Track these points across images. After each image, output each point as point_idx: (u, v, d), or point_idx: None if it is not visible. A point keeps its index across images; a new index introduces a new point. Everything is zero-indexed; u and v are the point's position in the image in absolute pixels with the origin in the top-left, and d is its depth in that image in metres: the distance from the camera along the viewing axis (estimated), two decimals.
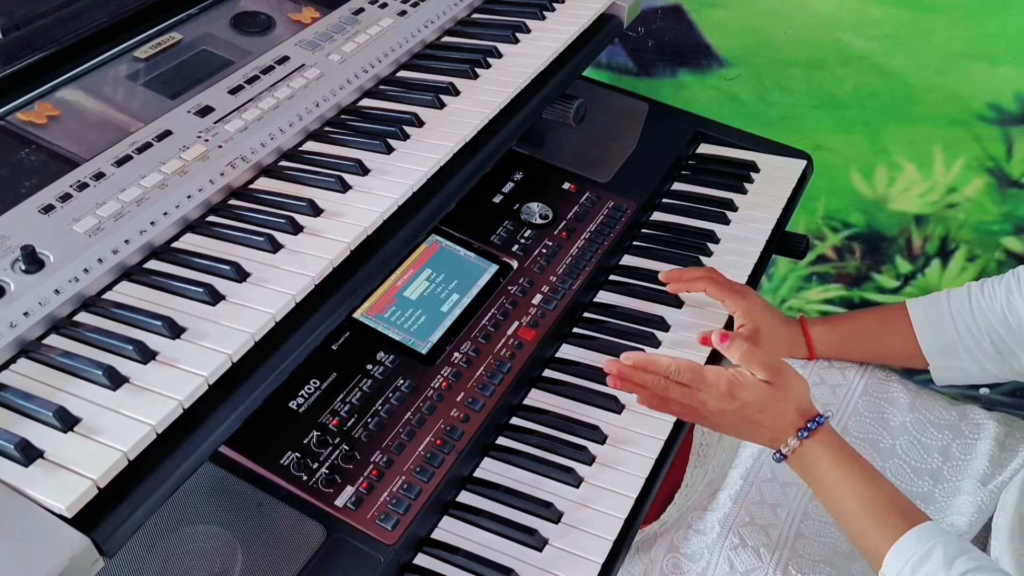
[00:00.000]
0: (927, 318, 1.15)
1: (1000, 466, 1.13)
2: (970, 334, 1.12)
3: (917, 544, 0.86)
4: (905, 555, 0.86)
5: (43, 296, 0.80)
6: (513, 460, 1.07)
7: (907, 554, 0.86)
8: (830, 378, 1.22)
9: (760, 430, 0.98)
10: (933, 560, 0.84)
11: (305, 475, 0.97)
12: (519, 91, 1.14)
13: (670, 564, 1.08)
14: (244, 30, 1.13)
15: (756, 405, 0.97)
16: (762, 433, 0.98)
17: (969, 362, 1.14)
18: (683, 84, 1.83)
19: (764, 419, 0.97)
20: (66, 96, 1.00)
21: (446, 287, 1.19)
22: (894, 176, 1.76)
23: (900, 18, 1.60)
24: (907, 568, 0.85)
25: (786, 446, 0.96)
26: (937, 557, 0.84)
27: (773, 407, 0.98)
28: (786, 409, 0.97)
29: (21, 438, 0.70)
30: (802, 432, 0.96)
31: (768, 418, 0.97)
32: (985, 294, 1.12)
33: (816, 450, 0.96)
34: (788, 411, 0.97)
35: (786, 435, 0.97)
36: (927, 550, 0.85)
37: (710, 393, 0.98)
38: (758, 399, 0.97)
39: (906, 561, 0.86)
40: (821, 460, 0.95)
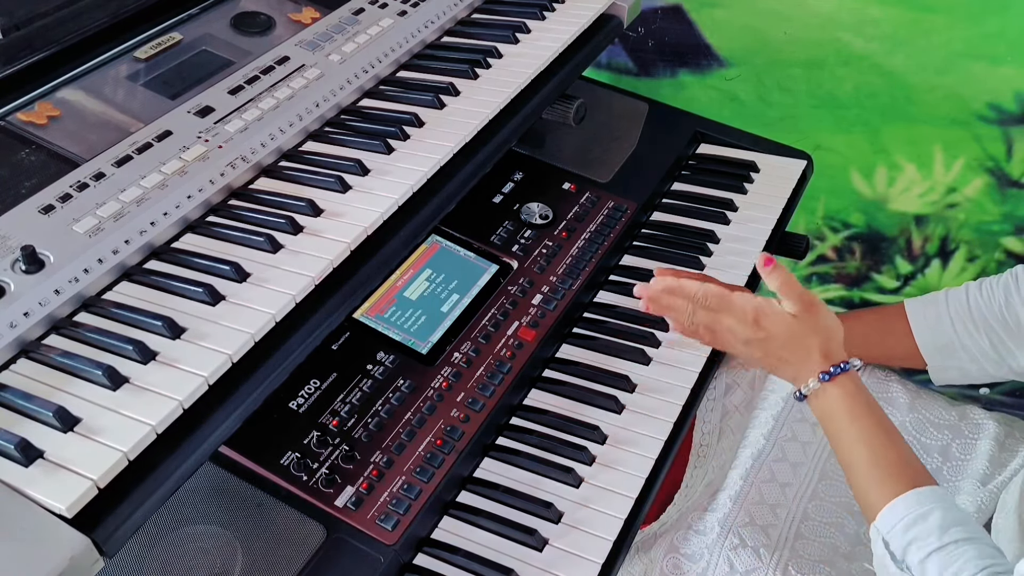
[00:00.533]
0: (925, 318, 1.15)
1: (1000, 466, 1.13)
2: (968, 334, 1.12)
3: (916, 504, 0.85)
4: (901, 512, 0.85)
5: (43, 296, 0.80)
6: (513, 460, 1.07)
7: (903, 512, 0.85)
8: None
9: (783, 365, 0.97)
10: (929, 523, 0.83)
11: (305, 475, 0.97)
12: (519, 91, 1.14)
13: (670, 564, 1.08)
14: (244, 30, 1.13)
15: (780, 338, 0.96)
16: (786, 369, 0.98)
17: (967, 362, 1.13)
18: (683, 84, 1.83)
19: (787, 354, 0.96)
20: (66, 96, 1.00)
21: (446, 287, 1.19)
22: (894, 176, 1.76)
23: (900, 18, 1.60)
24: (900, 525, 0.84)
25: (806, 386, 0.95)
26: (933, 521, 0.83)
27: (798, 343, 0.96)
28: (812, 347, 0.96)
29: (21, 438, 0.70)
30: (823, 375, 0.94)
31: (791, 353, 0.96)
32: (983, 294, 1.12)
33: (836, 397, 0.94)
34: (813, 350, 0.96)
35: (808, 375, 0.95)
36: (924, 512, 0.84)
37: (736, 319, 0.98)
38: (783, 332, 0.96)
39: (900, 518, 0.84)
40: (839, 408, 0.94)
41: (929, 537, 0.82)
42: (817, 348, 0.96)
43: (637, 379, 1.15)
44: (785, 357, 0.97)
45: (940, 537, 0.82)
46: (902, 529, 0.84)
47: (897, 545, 0.84)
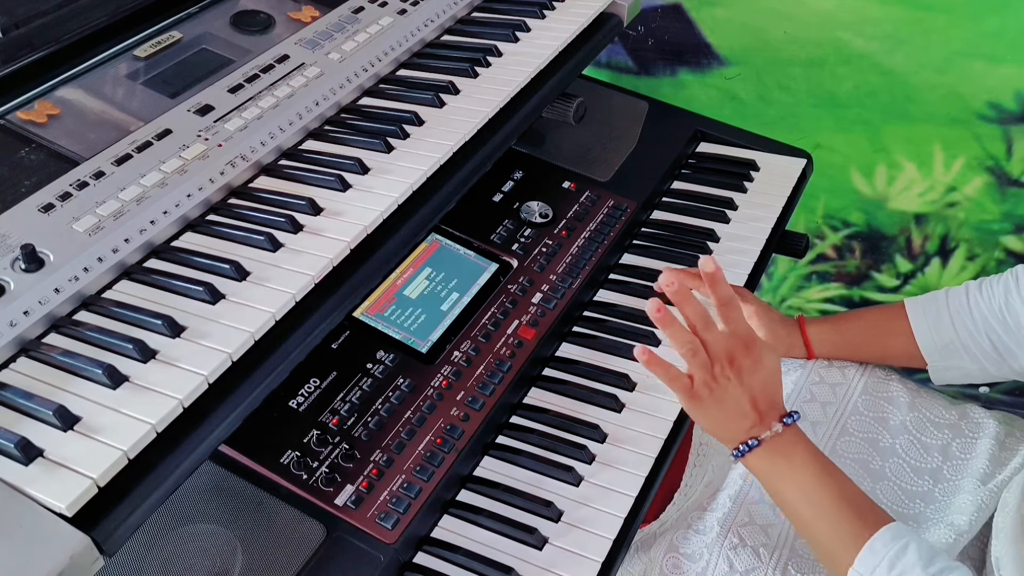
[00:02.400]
0: (925, 317, 1.15)
1: (1000, 465, 1.13)
2: (968, 334, 1.12)
3: (892, 540, 0.84)
4: (880, 551, 0.84)
5: (43, 295, 0.80)
6: (513, 459, 1.07)
7: (883, 551, 0.84)
8: (830, 377, 1.22)
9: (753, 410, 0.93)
10: (908, 556, 0.82)
11: (305, 474, 0.97)
12: (519, 90, 1.14)
13: (670, 564, 1.08)
14: (244, 29, 1.13)
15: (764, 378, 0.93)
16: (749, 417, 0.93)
17: (968, 362, 1.13)
18: (683, 83, 1.83)
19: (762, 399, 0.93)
20: (66, 95, 1.00)
21: (446, 286, 1.19)
22: (894, 175, 1.76)
23: (900, 17, 1.60)
24: (884, 563, 0.83)
25: (768, 431, 0.92)
26: (912, 554, 0.83)
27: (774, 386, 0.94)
28: (778, 393, 0.94)
29: (21, 437, 0.70)
30: (787, 419, 0.93)
31: (765, 399, 0.93)
32: (983, 293, 1.12)
33: (797, 440, 0.93)
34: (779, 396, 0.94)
35: (771, 420, 0.93)
36: (902, 546, 0.84)
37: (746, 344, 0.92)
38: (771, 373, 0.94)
39: (882, 557, 0.83)
40: (801, 450, 0.92)
41: (915, 570, 0.82)
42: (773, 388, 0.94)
43: (637, 378, 1.15)
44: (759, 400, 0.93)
45: (926, 568, 0.82)
46: (886, 567, 0.83)
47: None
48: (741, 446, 0.93)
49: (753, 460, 0.93)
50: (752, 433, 0.93)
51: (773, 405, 0.93)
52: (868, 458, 1.14)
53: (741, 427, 0.93)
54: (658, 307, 0.90)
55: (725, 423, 0.94)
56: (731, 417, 0.93)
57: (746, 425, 0.93)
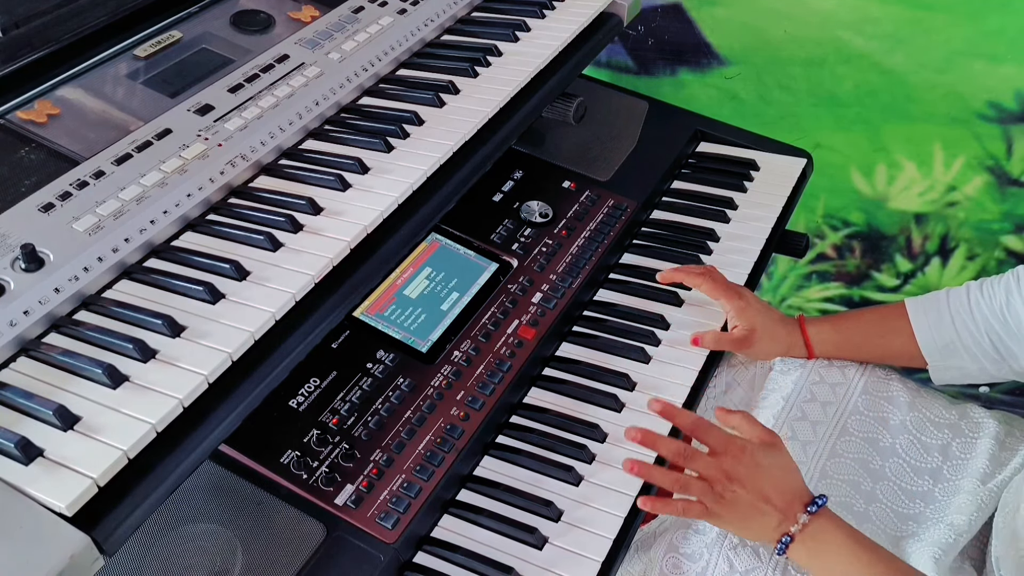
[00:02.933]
0: (926, 317, 1.15)
1: (1000, 465, 1.13)
2: (969, 334, 1.12)
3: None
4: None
5: (43, 294, 0.80)
6: (513, 459, 1.07)
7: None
8: (830, 377, 1.22)
9: (770, 508, 0.94)
10: None
11: (305, 474, 0.97)
12: (519, 89, 1.14)
13: (670, 564, 1.08)
14: (244, 28, 1.13)
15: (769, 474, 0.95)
16: (771, 515, 0.94)
17: (968, 361, 1.13)
18: (683, 83, 1.83)
19: (776, 496, 0.94)
20: (66, 95, 1.00)
21: (446, 286, 1.19)
22: (894, 175, 1.76)
23: (900, 16, 1.60)
24: None
25: (796, 524, 0.93)
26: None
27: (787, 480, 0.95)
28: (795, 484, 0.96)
29: (21, 437, 0.70)
30: (811, 507, 0.94)
31: (780, 495, 0.94)
32: (984, 294, 1.12)
33: (828, 525, 0.94)
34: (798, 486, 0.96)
35: (795, 511, 0.94)
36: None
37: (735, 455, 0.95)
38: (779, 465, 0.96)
39: None
40: (835, 534, 0.93)
41: None
42: (800, 485, 0.96)
43: (637, 377, 1.15)
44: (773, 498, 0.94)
45: None
46: None
47: None
48: (778, 544, 0.95)
49: (793, 554, 0.95)
50: (782, 529, 0.95)
51: (794, 497, 0.95)
52: (868, 458, 1.14)
53: (769, 525, 0.95)
54: (630, 465, 0.96)
55: (752, 528, 0.96)
56: (755, 521, 0.95)
57: (772, 523, 0.95)
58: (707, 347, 1.19)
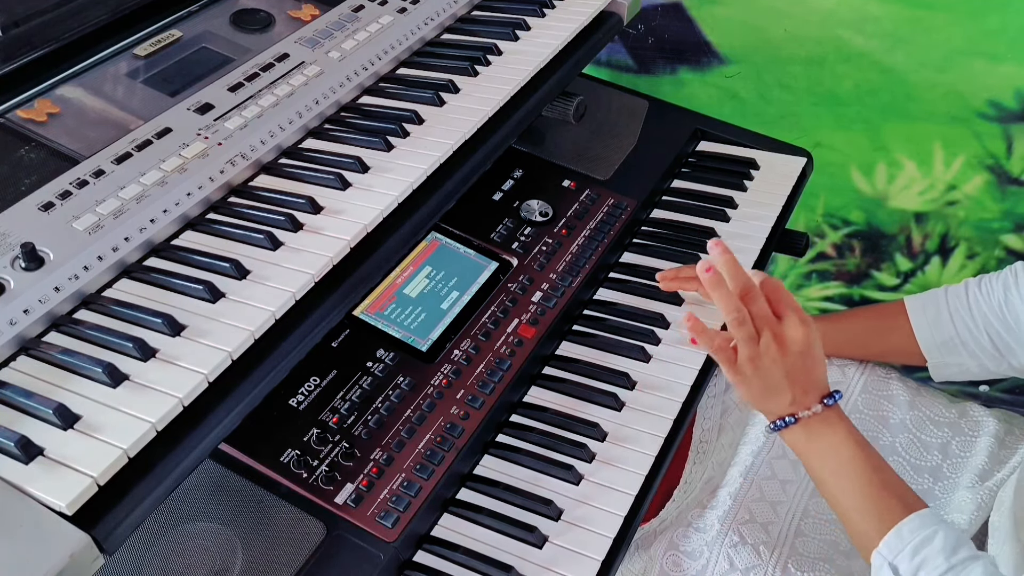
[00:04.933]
0: (925, 315, 1.15)
1: (1000, 463, 1.13)
2: (968, 331, 1.12)
3: (920, 527, 0.85)
4: (906, 537, 0.85)
5: (43, 293, 0.80)
6: (513, 457, 1.07)
7: (908, 536, 0.85)
8: (829, 375, 1.22)
9: (792, 387, 0.93)
10: (934, 545, 0.83)
11: (305, 472, 0.97)
12: (519, 88, 1.14)
13: (670, 562, 1.09)
14: (244, 27, 1.13)
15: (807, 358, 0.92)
16: (790, 394, 0.93)
17: (967, 358, 1.13)
18: (683, 81, 1.83)
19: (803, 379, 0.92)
20: (66, 93, 1.00)
21: (446, 285, 1.19)
22: (894, 174, 1.76)
23: (900, 15, 1.60)
24: (908, 549, 0.84)
25: (808, 411, 0.92)
26: (938, 543, 0.83)
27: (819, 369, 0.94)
28: (822, 374, 0.94)
29: (21, 435, 0.70)
30: (828, 399, 0.93)
31: (807, 379, 0.93)
32: (983, 291, 1.12)
33: (836, 420, 0.93)
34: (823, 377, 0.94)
35: (811, 400, 0.93)
36: (929, 534, 0.84)
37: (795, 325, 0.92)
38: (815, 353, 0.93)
39: (907, 543, 0.84)
40: (838, 429, 0.92)
41: (937, 558, 0.82)
42: (823, 375, 0.94)
43: (637, 376, 1.15)
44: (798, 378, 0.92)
45: (948, 559, 0.82)
46: (910, 553, 0.84)
47: (906, 569, 0.84)
48: (778, 421, 0.94)
49: (789, 436, 0.94)
50: (791, 410, 0.93)
51: (816, 385, 0.93)
52: None
53: (780, 403, 0.93)
54: (708, 266, 0.91)
55: (765, 398, 0.94)
56: (772, 393, 0.93)
57: (785, 402, 0.93)
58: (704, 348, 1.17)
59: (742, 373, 0.93)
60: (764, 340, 0.92)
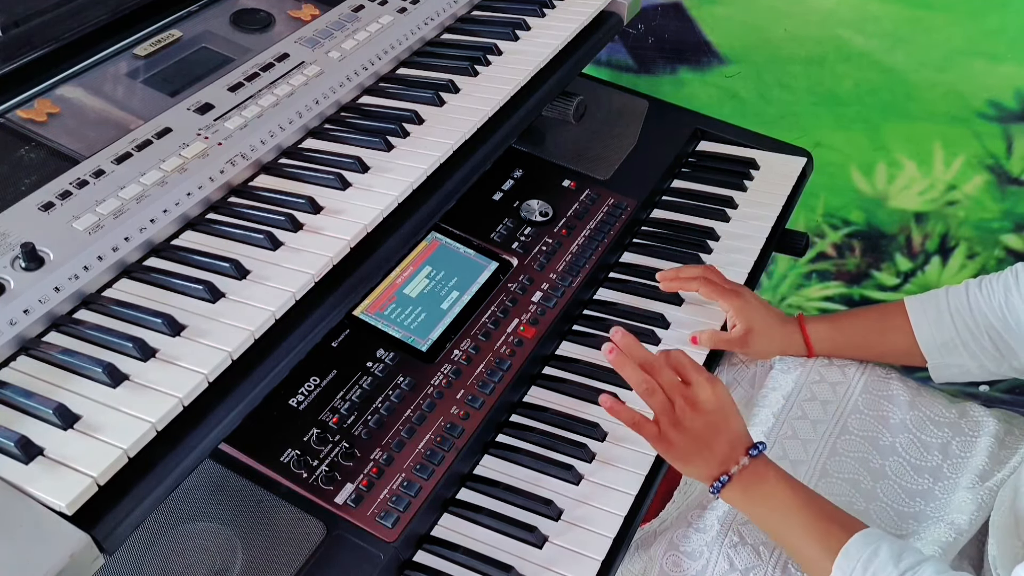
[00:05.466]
0: (925, 315, 1.15)
1: (1000, 463, 1.13)
2: (968, 332, 1.12)
3: (865, 545, 0.89)
4: (855, 555, 0.88)
5: (43, 293, 0.80)
6: (513, 457, 1.07)
7: (856, 554, 0.88)
8: (830, 376, 1.22)
9: (718, 444, 0.97)
10: (881, 557, 0.87)
11: (305, 472, 0.97)
12: (519, 88, 1.14)
13: (670, 562, 1.08)
14: (244, 27, 1.13)
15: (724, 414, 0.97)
16: (717, 451, 0.97)
17: (968, 359, 1.13)
18: (683, 81, 1.83)
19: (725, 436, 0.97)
20: (66, 93, 1.00)
21: (446, 284, 1.19)
22: (894, 173, 1.76)
23: (900, 15, 1.60)
24: (858, 567, 0.87)
25: (737, 465, 0.97)
26: (884, 554, 0.87)
27: (736, 422, 0.98)
28: (741, 428, 0.98)
29: (21, 435, 0.70)
30: (752, 450, 0.97)
31: (728, 436, 0.97)
32: (983, 291, 1.12)
33: (765, 469, 0.97)
34: (743, 430, 0.98)
35: (738, 455, 0.97)
36: (874, 550, 0.88)
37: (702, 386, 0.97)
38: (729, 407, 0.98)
39: (856, 561, 0.88)
40: (771, 477, 0.96)
41: (887, 567, 0.86)
42: (744, 430, 0.99)
43: None
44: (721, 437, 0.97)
45: (897, 565, 0.86)
46: (860, 570, 0.87)
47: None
48: (715, 483, 0.97)
49: (728, 494, 0.98)
50: (722, 468, 0.97)
51: (738, 438, 0.98)
52: (868, 456, 1.14)
53: (712, 463, 0.97)
54: (610, 348, 0.98)
55: (696, 461, 0.98)
56: (700, 454, 0.98)
57: (716, 461, 0.97)
58: (705, 347, 1.20)
59: (667, 440, 0.97)
60: (678, 405, 0.97)
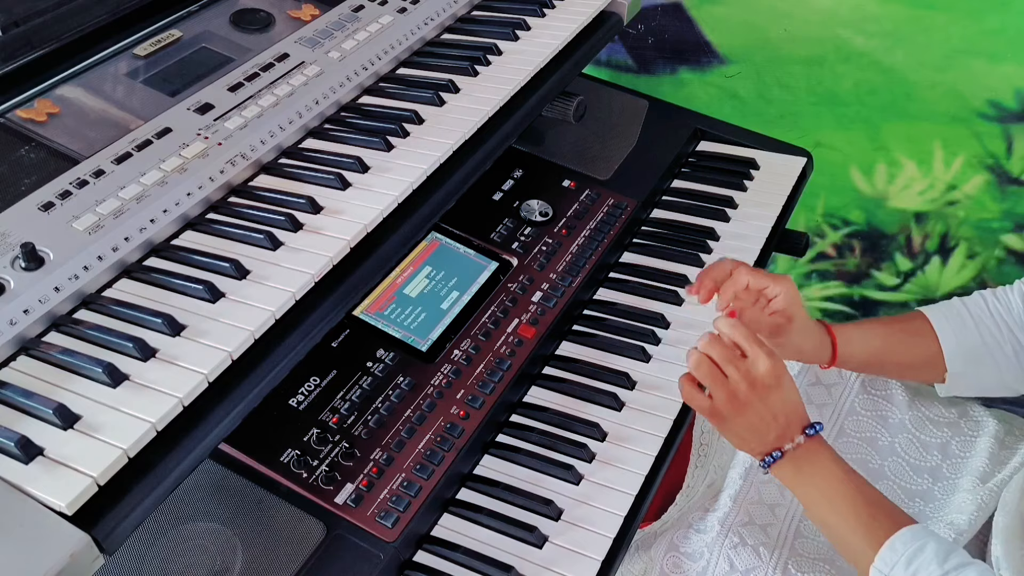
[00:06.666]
0: (948, 321, 1.10)
1: (1000, 464, 1.13)
2: (993, 338, 1.08)
3: (912, 540, 0.87)
4: (900, 550, 0.87)
5: (43, 293, 0.80)
6: (513, 457, 1.07)
7: (902, 548, 0.87)
8: (826, 378, 1.22)
9: (775, 421, 0.95)
10: (926, 554, 0.85)
11: (305, 472, 0.97)
12: (519, 88, 1.14)
13: (670, 563, 1.09)
14: (244, 27, 1.13)
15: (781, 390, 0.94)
16: (773, 428, 0.95)
17: (991, 369, 1.08)
18: (683, 81, 1.83)
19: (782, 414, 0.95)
20: (66, 93, 1.00)
21: (446, 284, 1.19)
22: (894, 173, 1.76)
23: (900, 15, 1.60)
24: (902, 560, 0.86)
25: (791, 443, 0.94)
26: (929, 552, 0.86)
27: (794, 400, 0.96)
28: (799, 406, 0.96)
29: (21, 435, 0.70)
30: (809, 430, 0.95)
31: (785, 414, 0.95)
32: (1000, 299, 1.09)
33: (820, 449, 0.95)
34: (800, 408, 0.96)
35: (794, 432, 0.95)
36: (920, 546, 0.86)
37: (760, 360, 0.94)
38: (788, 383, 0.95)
39: (901, 555, 0.86)
40: (822, 458, 0.94)
41: (931, 566, 0.85)
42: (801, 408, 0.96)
43: (637, 376, 1.15)
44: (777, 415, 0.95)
45: (941, 566, 0.84)
46: (904, 564, 0.86)
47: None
48: (767, 457, 0.95)
49: (778, 470, 0.96)
50: (776, 444, 0.95)
51: (796, 415, 0.95)
52: (867, 457, 1.14)
53: (766, 440, 0.95)
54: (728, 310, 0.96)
55: (750, 437, 0.96)
56: (756, 430, 0.95)
57: (771, 437, 0.95)
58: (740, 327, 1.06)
59: (721, 415, 0.95)
60: (733, 379, 0.94)
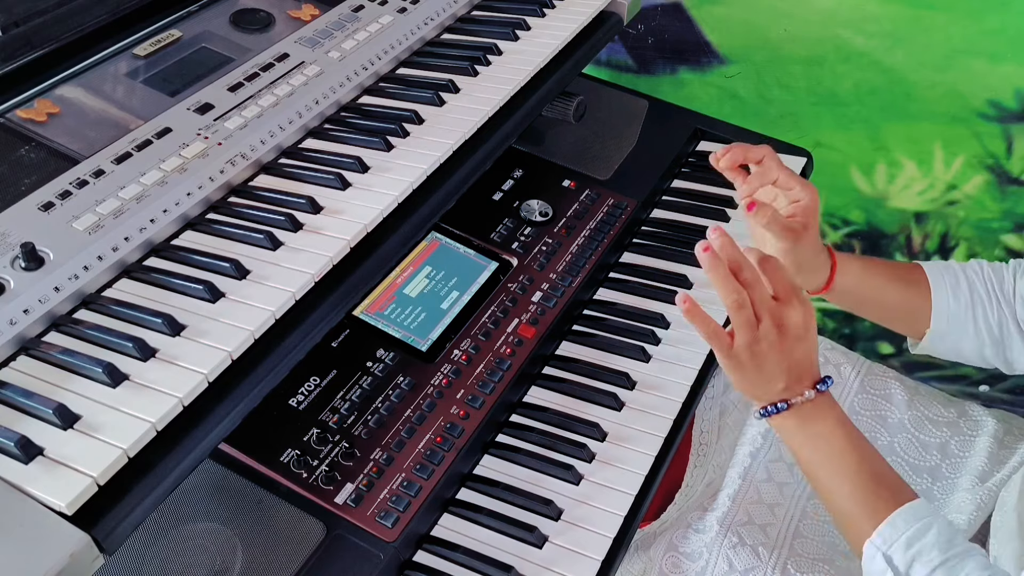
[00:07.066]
0: (944, 279, 1.07)
1: (999, 463, 1.13)
2: (981, 304, 1.05)
3: (914, 519, 0.83)
4: (901, 527, 0.83)
5: (43, 293, 0.80)
6: (513, 457, 1.07)
7: (903, 526, 0.83)
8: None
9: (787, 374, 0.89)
10: (929, 537, 0.81)
11: (305, 472, 0.97)
12: (519, 88, 1.14)
13: (669, 563, 1.09)
14: (244, 27, 1.13)
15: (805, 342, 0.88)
16: (783, 378, 0.89)
17: (972, 337, 1.06)
18: (683, 81, 1.83)
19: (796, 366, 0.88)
20: (66, 93, 1.00)
21: (446, 284, 1.19)
22: (894, 173, 1.76)
23: (900, 15, 1.60)
24: (902, 540, 0.82)
25: (800, 397, 0.89)
26: (932, 535, 0.82)
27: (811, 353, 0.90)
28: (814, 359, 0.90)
29: (21, 435, 0.70)
30: (820, 384, 0.90)
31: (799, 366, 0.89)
32: (995, 271, 1.07)
33: (827, 406, 0.89)
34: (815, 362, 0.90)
35: (804, 385, 0.89)
36: (923, 526, 0.82)
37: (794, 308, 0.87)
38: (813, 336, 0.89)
39: (901, 533, 0.82)
40: (829, 417, 0.89)
41: (932, 552, 0.81)
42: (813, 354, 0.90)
43: (637, 376, 1.15)
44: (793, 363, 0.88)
45: (944, 552, 0.81)
46: (904, 544, 0.82)
47: (900, 560, 0.82)
48: (769, 407, 0.90)
49: (780, 422, 0.90)
50: (783, 396, 0.89)
51: (809, 370, 0.90)
52: None
53: (773, 389, 0.89)
54: (705, 247, 0.86)
55: (758, 385, 0.90)
56: (765, 380, 0.89)
57: (778, 388, 0.89)
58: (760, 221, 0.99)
59: (736, 359, 0.88)
60: (764, 326, 0.87)
